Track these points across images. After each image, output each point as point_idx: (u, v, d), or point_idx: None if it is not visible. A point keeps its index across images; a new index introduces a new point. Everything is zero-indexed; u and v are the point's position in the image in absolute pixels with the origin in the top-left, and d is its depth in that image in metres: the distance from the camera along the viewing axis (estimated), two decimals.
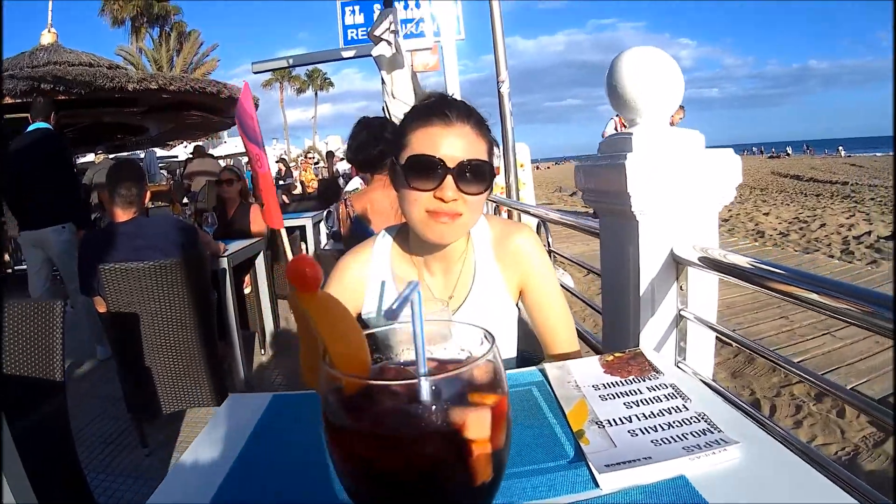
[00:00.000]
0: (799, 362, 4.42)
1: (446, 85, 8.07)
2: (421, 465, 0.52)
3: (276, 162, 23.08)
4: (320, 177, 17.40)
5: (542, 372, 1.28)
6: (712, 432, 0.96)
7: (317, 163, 24.13)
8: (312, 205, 9.41)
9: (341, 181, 14.99)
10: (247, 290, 5.35)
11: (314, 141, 63.42)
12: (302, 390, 1.31)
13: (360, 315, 1.61)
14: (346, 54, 10.18)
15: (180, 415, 4.03)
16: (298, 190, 15.50)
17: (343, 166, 19.76)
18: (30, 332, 2.05)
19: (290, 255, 0.80)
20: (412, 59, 7.53)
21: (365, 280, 1.60)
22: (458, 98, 1.52)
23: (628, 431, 1.00)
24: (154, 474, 3.35)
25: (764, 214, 14.18)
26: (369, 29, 6.72)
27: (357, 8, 10.35)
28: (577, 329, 1.77)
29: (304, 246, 7.59)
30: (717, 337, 2.21)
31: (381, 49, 6.54)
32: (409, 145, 1.44)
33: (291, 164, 24.63)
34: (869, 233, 10.45)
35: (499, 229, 1.65)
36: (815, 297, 1.56)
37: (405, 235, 1.62)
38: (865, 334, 4.74)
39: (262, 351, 5.49)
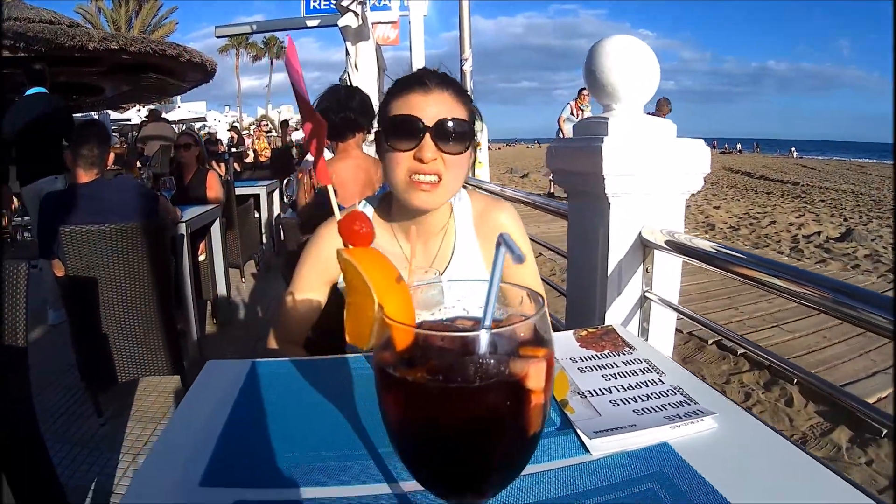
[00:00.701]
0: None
1: (411, 59, 8.02)
2: (484, 415, 0.52)
3: (228, 130, 22.79)
4: (273, 146, 17.15)
5: None
6: (689, 404, 1.01)
7: (269, 132, 23.80)
8: (266, 174, 9.34)
9: (295, 151, 14.87)
10: (201, 258, 5.25)
11: (267, 110, 62.59)
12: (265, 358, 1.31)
13: (335, 285, 1.61)
14: (310, 23, 10.09)
15: (134, 384, 3.97)
16: (251, 158, 15.25)
17: (297, 136, 19.56)
18: None
19: (337, 213, 0.80)
20: (374, 32, 7.50)
21: None
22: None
23: (610, 402, 1.03)
24: (110, 444, 3.27)
25: (714, 208, 14.37)
26: None
27: None
28: None
29: (257, 214, 7.48)
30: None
31: (348, 20, 6.48)
32: (390, 113, 1.45)
33: (244, 133, 24.24)
34: (819, 233, 10.64)
35: (482, 205, 1.66)
36: (776, 281, 1.63)
37: (386, 205, 1.62)
38: (814, 328, 4.92)
39: (214, 320, 5.42)
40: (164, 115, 16.28)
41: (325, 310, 1.62)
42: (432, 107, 1.40)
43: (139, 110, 22.80)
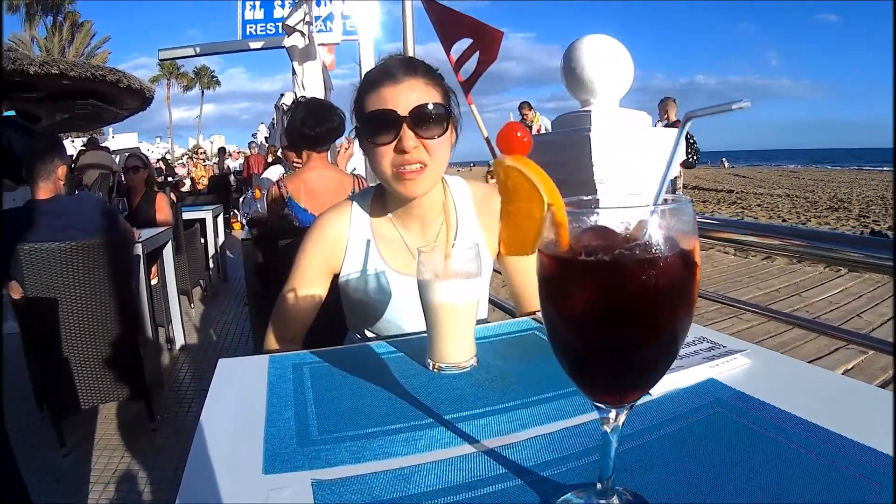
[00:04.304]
0: None
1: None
2: (664, 283, 0.53)
3: (158, 160, 22.69)
4: (211, 174, 17.10)
5: (538, 320, 1.38)
6: (719, 347, 1.10)
7: (205, 160, 23.79)
8: (209, 199, 9.24)
9: (232, 178, 14.87)
10: (153, 282, 5.06)
11: (198, 140, 61.94)
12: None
13: (337, 275, 1.57)
14: (253, 45, 10.08)
15: (94, 411, 3.81)
16: (187, 187, 15.10)
17: (233, 164, 19.76)
18: None
19: (484, 131, 0.83)
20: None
21: (345, 240, 1.56)
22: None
23: None
24: (77, 475, 3.10)
25: None
26: (284, 20, 6.70)
27: (258, 3, 10.25)
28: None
29: (203, 241, 7.32)
30: None
31: (295, 39, 6.52)
32: (365, 110, 1.44)
33: (178, 163, 24.11)
34: None
35: (483, 191, 1.65)
36: (752, 238, 1.85)
37: (381, 195, 1.59)
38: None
39: (169, 345, 5.24)
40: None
41: (325, 303, 1.58)
42: (404, 95, 1.39)
43: (73, 141, 22.30)
